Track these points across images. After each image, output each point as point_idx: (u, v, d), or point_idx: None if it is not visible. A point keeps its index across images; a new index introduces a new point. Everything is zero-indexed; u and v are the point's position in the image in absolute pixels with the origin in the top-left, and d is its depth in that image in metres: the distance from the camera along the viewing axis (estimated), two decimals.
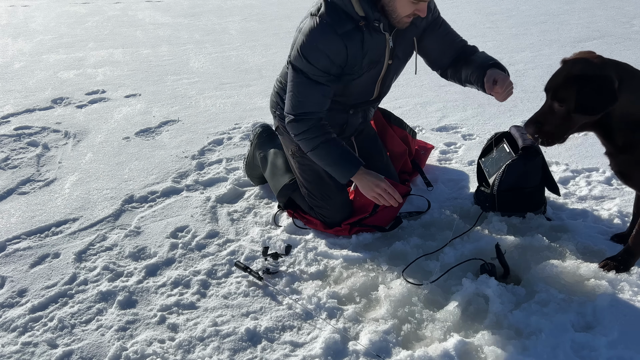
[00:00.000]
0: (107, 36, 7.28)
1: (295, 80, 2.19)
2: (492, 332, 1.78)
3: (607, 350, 1.68)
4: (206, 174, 3.10)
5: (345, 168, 2.25)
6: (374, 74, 2.31)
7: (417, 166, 2.89)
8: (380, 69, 2.31)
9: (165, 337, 1.88)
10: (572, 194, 2.67)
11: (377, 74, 2.33)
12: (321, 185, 2.44)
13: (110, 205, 2.78)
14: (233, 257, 2.31)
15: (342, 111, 2.45)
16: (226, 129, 3.78)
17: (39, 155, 3.45)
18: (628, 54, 5.30)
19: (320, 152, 2.25)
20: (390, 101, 4.18)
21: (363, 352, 1.76)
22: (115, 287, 2.14)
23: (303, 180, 2.50)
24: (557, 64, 1.80)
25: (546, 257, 2.15)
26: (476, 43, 2.52)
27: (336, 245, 2.35)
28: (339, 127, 2.49)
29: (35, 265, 2.31)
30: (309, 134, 2.23)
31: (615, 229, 2.34)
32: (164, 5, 9.83)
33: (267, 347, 1.82)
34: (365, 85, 2.35)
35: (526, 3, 8.58)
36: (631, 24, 6.70)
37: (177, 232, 2.53)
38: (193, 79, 5.14)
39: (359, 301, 2.01)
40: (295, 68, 2.19)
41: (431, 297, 1.99)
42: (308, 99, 2.20)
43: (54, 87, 4.94)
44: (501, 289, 1.97)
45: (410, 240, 2.33)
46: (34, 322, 1.98)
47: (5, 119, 4.09)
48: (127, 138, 3.69)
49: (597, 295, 1.90)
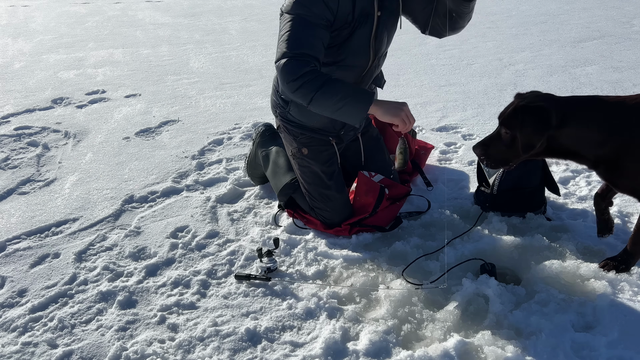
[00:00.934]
0: (107, 36, 7.28)
1: (291, 22, 2.04)
2: (492, 332, 1.78)
3: (607, 350, 1.68)
4: (206, 174, 3.10)
5: (362, 97, 2.01)
6: (366, 31, 2.20)
7: (417, 166, 2.89)
8: (372, 23, 2.21)
9: (165, 337, 1.88)
10: (572, 194, 2.67)
11: (369, 31, 2.22)
12: (321, 187, 2.44)
13: (110, 205, 2.78)
14: (233, 257, 2.31)
15: None
16: (226, 129, 3.78)
17: (39, 155, 3.45)
18: (628, 54, 5.30)
19: (329, 89, 1.98)
20: None
21: (363, 352, 1.76)
22: (115, 287, 2.14)
23: (303, 182, 2.50)
24: (557, 64, 1.82)
25: (546, 257, 2.15)
26: (476, 43, 2.53)
27: (336, 245, 2.35)
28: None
29: (35, 265, 2.31)
30: (310, 75, 1.97)
31: (615, 228, 2.33)
32: (164, 5, 9.83)
33: (267, 347, 1.82)
34: (359, 46, 2.23)
35: (526, 3, 8.58)
36: (631, 24, 6.70)
37: (177, 232, 2.53)
38: (193, 79, 5.15)
39: (359, 301, 2.01)
40: (289, 13, 2.06)
41: (431, 297, 1.99)
42: (306, 38, 2.01)
43: (54, 87, 4.94)
44: (501, 289, 1.97)
45: (410, 240, 2.33)
46: (34, 322, 1.98)
47: (5, 119, 4.10)
48: (127, 138, 3.69)
49: (597, 295, 1.90)
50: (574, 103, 1.86)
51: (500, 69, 4.98)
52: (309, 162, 2.46)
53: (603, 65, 4.91)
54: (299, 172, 2.51)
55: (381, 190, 2.41)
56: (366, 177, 2.46)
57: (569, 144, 1.86)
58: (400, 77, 4.91)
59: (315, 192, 2.45)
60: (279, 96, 2.46)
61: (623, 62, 5.04)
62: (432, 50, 5.79)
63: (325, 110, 2.05)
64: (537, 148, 1.87)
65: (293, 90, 2.01)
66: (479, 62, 5.23)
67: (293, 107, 2.40)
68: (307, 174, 2.47)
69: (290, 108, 2.42)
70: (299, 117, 2.42)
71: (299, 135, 2.47)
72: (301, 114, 2.41)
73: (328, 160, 2.47)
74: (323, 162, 2.46)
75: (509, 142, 1.89)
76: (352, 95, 2.00)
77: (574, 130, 1.83)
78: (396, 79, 4.85)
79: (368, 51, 2.27)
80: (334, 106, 2.01)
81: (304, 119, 2.42)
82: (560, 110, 1.81)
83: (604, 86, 4.37)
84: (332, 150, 2.49)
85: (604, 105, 1.84)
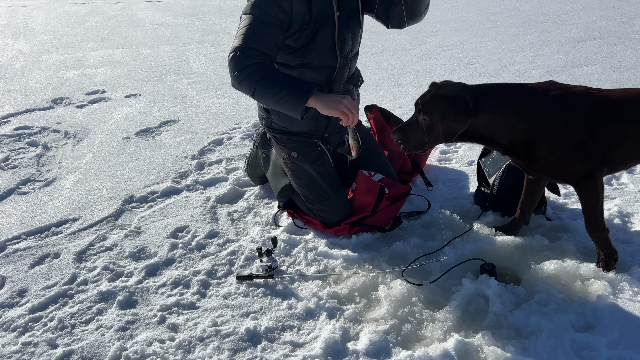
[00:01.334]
0: (107, 36, 7.28)
1: (246, 22, 2.13)
2: (492, 332, 1.78)
3: (607, 350, 1.68)
4: (206, 174, 3.11)
5: (302, 89, 2.03)
6: (328, 31, 2.25)
7: (417, 166, 2.89)
8: (333, 24, 2.25)
9: (165, 337, 1.88)
10: (572, 194, 2.67)
11: (332, 31, 2.26)
12: (315, 188, 2.44)
13: (110, 205, 2.78)
14: (233, 257, 2.31)
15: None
16: (226, 129, 3.78)
17: (39, 155, 3.45)
18: (628, 54, 5.30)
19: (270, 80, 2.02)
20: (390, 101, 4.18)
21: (363, 352, 1.76)
22: (115, 287, 2.14)
23: (297, 186, 2.52)
24: (557, 64, 1.83)
25: (546, 257, 2.15)
26: (476, 43, 2.53)
27: (336, 245, 2.35)
28: (325, 120, 2.45)
29: (35, 265, 2.31)
30: (255, 67, 2.03)
31: (615, 228, 2.34)
32: (164, 5, 9.84)
33: (267, 347, 1.82)
34: (324, 47, 2.28)
35: (526, 3, 8.58)
36: (631, 24, 6.70)
37: (177, 232, 2.53)
38: (193, 79, 5.15)
39: (359, 301, 2.01)
40: (246, 14, 2.15)
41: (431, 297, 1.99)
42: (258, 35, 2.10)
43: (54, 87, 4.94)
44: (501, 289, 1.97)
45: (410, 240, 2.33)
46: (34, 322, 1.98)
47: (5, 119, 4.10)
48: (127, 138, 3.69)
49: (597, 295, 1.90)
50: (489, 90, 1.95)
51: (500, 69, 4.98)
52: (300, 164, 2.48)
53: (603, 65, 4.91)
54: (293, 178, 2.53)
55: (381, 189, 2.42)
56: (366, 177, 2.47)
57: (484, 129, 1.96)
58: (400, 77, 4.91)
59: (311, 194, 2.45)
60: (261, 107, 2.51)
61: (623, 62, 5.04)
62: (432, 50, 5.79)
63: (268, 101, 2.09)
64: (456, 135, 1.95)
65: (239, 81, 2.05)
66: (479, 62, 5.23)
67: (274, 114, 2.45)
68: (300, 177, 2.49)
69: (272, 117, 2.47)
70: (281, 123, 2.46)
71: (287, 142, 2.50)
72: (282, 120, 2.45)
73: (318, 159, 2.48)
74: (313, 161, 2.47)
75: (427, 128, 1.94)
76: (292, 86, 2.03)
77: (489, 117, 1.92)
78: (396, 79, 4.85)
79: (333, 51, 2.31)
80: (275, 97, 2.04)
81: (287, 125, 2.45)
82: (477, 97, 1.90)
83: (604, 86, 4.36)
84: (321, 149, 2.50)
85: (520, 93, 1.95)
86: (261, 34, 2.10)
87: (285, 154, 2.51)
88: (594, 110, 1.90)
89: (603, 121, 1.90)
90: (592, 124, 1.89)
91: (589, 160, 1.92)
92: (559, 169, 1.98)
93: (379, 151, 2.68)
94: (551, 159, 1.95)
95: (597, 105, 1.91)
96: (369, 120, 3.04)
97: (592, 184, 1.95)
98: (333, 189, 2.45)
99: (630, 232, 2.32)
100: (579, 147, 1.90)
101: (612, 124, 1.90)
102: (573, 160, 1.93)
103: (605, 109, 1.91)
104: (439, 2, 9.32)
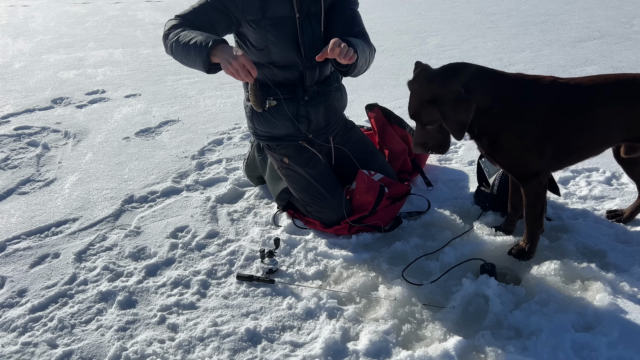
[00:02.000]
0: (107, 36, 7.28)
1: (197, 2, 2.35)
2: (492, 332, 1.78)
3: (607, 350, 1.68)
4: (206, 174, 3.11)
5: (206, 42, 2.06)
6: (288, 32, 2.32)
7: (417, 166, 2.89)
8: (294, 25, 2.32)
9: (165, 337, 1.88)
10: (572, 194, 2.67)
11: (293, 32, 2.33)
12: (311, 191, 2.45)
13: (110, 205, 2.78)
14: (233, 257, 2.31)
15: (294, 100, 2.44)
16: (226, 129, 3.78)
17: (39, 155, 3.45)
18: (628, 54, 5.30)
19: (184, 37, 2.14)
20: (390, 101, 4.18)
21: (363, 352, 1.75)
22: (115, 287, 2.14)
23: (293, 190, 2.54)
24: (557, 64, 1.83)
25: (546, 257, 2.15)
26: (476, 43, 2.53)
27: (336, 245, 2.35)
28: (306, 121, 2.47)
29: (35, 265, 2.31)
30: (177, 28, 2.22)
31: (615, 228, 2.34)
32: (164, 5, 9.84)
33: (267, 347, 1.82)
34: (287, 47, 2.34)
35: (526, 3, 8.58)
36: (631, 24, 6.70)
37: (177, 232, 2.53)
38: (193, 79, 5.15)
39: (359, 301, 2.01)
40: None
41: (431, 297, 1.99)
42: (196, 10, 2.31)
43: (54, 87, 4.94)
44: (501, 289, 1.97)
45: (410, 240, 2.33)
46: (34, 322, 1.98)
47: (5, 119, 4.10)
48: (127, 138, 3.69)
49: (597, 295, 1.90)
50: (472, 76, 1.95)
51: (500, 69, 4.98)
52: (293, 167, 2.50)
53: (603, 65, 4.91)
54: (288, 182, 2.55)
55: (381, 188, 2.42)
56: (366, 176, 2.47)
57: None
58: (400, 77, 4.90)
59: (307, 196, 2.46)
60: (247, 115, 2.58)
61: (623, 62, 5.04)
62: (432, 50, 5.79)
63: (179, 56, 2.18)
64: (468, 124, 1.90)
65: (164, 40, 2.26)
66: (479, 62, 5.22)
67: (255, 120, 2.52)
68: (295, 181, 2.50)
69: (255, 123, 2.53)
70: (263, 128, 2.52)
71: (276, 147, 2.54)
72: (262, 125, 2.51)
73: (310, 161, 2.50)
74: (305, 163, 2.49)
75: (438, 132, 1.96)
76: (200, 41, 2.08)
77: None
78: (396, 79, 4.85)
79: (298, 51, 2.37)
80: (184, 51, 2.13)
81: (268, 128, 2.51)
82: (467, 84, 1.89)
83: None
84: (310, 152, 2.52)
85: (492, 80, 1.98)
86: (199, 11, 2.32)
87: (278, 160, 2.55)
88: (558, 105, 1.93)
89: (569, 114, 1.93)
90: (555, 120, 1.92)
91: (542, 158, 1.97)
92: (514, 162, 2.02)
93: (375, 153, 2.68)
94: (509, 150, 1.99)
95: (562, 99, 1.94)
96: (370, 119, 3.04)
97: (537, 183, 2.01)
98: (329, 190, 2.45)
99: (630, 232, 2.32)
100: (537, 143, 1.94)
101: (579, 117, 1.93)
102: (528, 156, 1.97)
103: (572, 100, 1.93)
104: (439, 2, 9.33)
